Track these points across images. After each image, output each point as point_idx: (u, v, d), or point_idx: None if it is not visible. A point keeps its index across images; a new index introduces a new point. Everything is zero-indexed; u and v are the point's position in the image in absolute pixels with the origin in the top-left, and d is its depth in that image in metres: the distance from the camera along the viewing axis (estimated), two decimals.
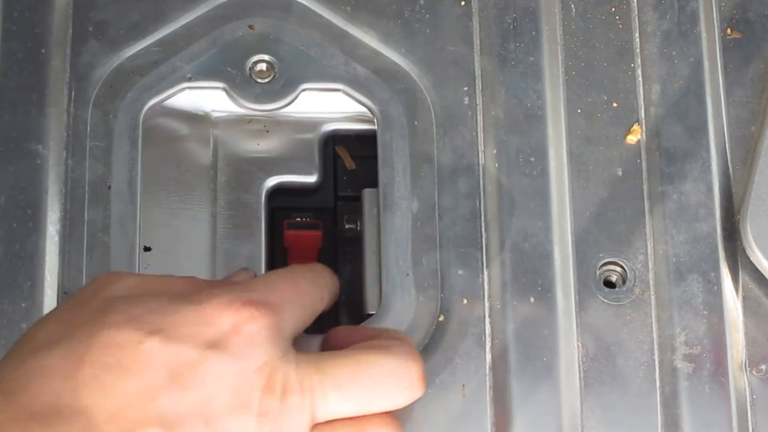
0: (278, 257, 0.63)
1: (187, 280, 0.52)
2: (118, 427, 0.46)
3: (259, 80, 0.60)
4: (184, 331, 0.48)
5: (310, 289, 0.53)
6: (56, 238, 0.57)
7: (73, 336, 0.47)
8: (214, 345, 0.48)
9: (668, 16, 0.62)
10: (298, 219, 0.62)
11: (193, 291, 0.50)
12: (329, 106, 0.62)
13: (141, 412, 0.46)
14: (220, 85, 0.60)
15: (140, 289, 0.50)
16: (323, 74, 0.60)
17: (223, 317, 0.48)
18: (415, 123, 0.60)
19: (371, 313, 0.58)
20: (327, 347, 0.54)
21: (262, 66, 0.60)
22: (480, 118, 0.60)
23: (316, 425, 0.50)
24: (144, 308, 0.49)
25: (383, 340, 0.52)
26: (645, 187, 0.59)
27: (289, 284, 0.52)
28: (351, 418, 0.50)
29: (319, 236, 0.62)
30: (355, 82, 0.60)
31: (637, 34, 0.62)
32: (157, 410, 0.46)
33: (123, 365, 0.47)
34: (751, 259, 0.58)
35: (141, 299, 0.49)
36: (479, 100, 0.60)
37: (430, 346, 0.56)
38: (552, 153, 0.59)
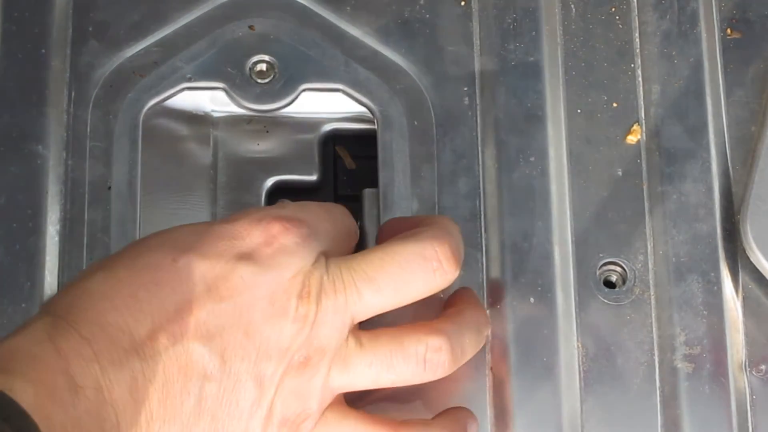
0: None
1: None
2: (160, 342, 0.47)
3: (259, 80, 0.60)
4: (217, 247, 0.50)
5: (342, 216, 0.54)
6: (56, 238, 0.57)
7: (113, 262, 0.50)
8: (246, 256, 0.49)
9: (668, 16, 0.62)
10: None
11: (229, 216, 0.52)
12: (329, 106, 0.62)
13: (180, 326, 0.48)
14: (220, 85, 0.60)
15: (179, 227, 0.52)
16: (323, 74, 0.60)
17: (254, 231, 0.50)
18: (415, 123, 0.60)
19: None
20: (380, 240, 0.55)
21: (262, 66, 0.60)
22: (480, 118, 0.60)
23: (357, 330, 0.51)
24: (179, 233, 0.51)
25: (414, 230, 0.53)
26: (645, 187, 0.59)
27: (321, 209, 0.53)
28: (390, 327, 0.51)
29: None
30: (355, 82, 0.60)
31: (637, 34, 0.62)
32: (195, 323, 0.48)
33: (158, 283, 0.48)
34: (751, 259, 0.58)
35: (177, 227, 0.51)
36: (479, 100, 0.60)
37: None
38: (552, 153, 0.59)
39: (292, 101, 0.60)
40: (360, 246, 0.61)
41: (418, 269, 0.51)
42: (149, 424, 0.47)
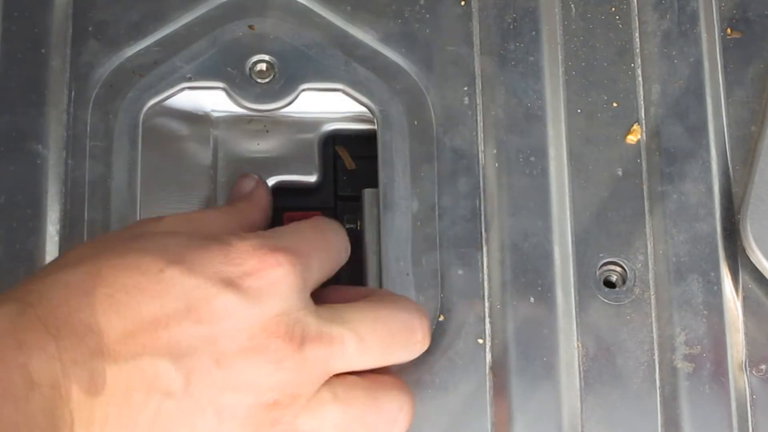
0: None
1: (223, 220, 0.53)
2: (128, 349, 0.46)
3: (259, 80, 0.60)
4: (207, 267, 0.48)
5: (336, 240, 0.53)
6: (56, 238, 0.57)
7: (100, 257, 0.48)
8: (233, 284, 0.48)
9: (668, 16, 0.62)
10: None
11: (226, 233, 0.50)
12: (329, 106, 0.62)
13: (152, 338, 0.46)
14: (220, 85, 0.60)
15: (177, 226, 0.51)
16: (323, 74, 0.60)
17: (248, 259, 0.48)
18: (415, 123, 0.60)
19: None
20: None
21: (262, 66, 0.60)
22: (480, 118, 0.60)
23: (330, 378, 0.50)
24: (174, 240, 0.49)
25: (392, 295, 0.53)
26: (645, 187, 0.59)
27: (317, 234, 0.52)
28: (364, 378, 0.50)
29: None
30: (355, 82, 0.60)
31: (637, 34, 0.62)
32: (168, 338, 0.47)
33: (140, 288, 0.47)
34: (751, 259, 0.58)
35: (174, 234, 0.50)
36: (479, 100, 0.60)
37: (430, 346, 0.56)
38: (552, 153, 0.59)
39: (292, 101, 0.60)
40: (358, 246, 0.61)
41: (404, 338, 0.51)
42: (102, 427, 0.46)
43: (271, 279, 0.48)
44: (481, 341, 0.57)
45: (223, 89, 0.60)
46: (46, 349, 0.45)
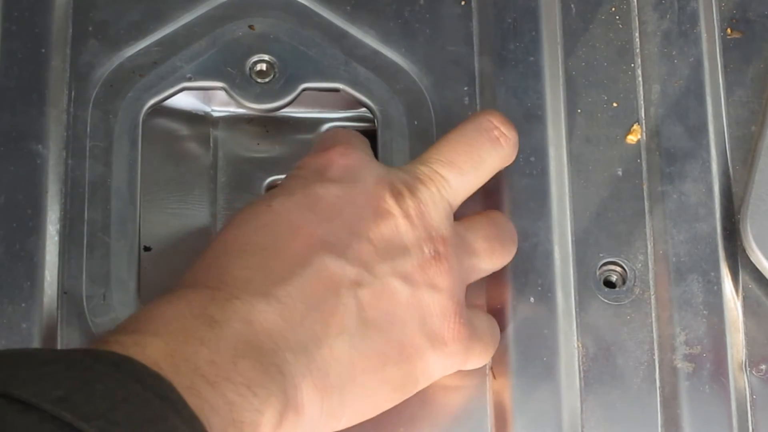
0: None
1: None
2: (293, 265, 0.49)
3: (259, 80, 0.60)
4: (298, 185, 0.52)
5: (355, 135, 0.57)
6: (56, 238, 0.57)
7: (212, 242, 0.51)
8: (327, 179, 0.52)
9: (668, 16, 0.62)
10: None
11: None
12: (329, 106, 0.62)
13: (307, 247, 0.49)
14: (220, 84, 0.60)
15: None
16: (323, 74, 0.60)
17: (318, 162, 0.53)
18: (415, 123, 0.60)
19: None
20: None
21: (262, 66, 0.60)
22: None
23: (454, 224, 0.53)
24: (267, 194, 0.53)
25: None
26: (645, 187, 0.59)
27: (347, 133, 0.56)
28: (475, 215, 0.55)
29: None
30: (355, 82, 0.60)
31: (637, 34, 0.62)
32: (319, 240, 0.50)
33: (265, 225, 0.50)
34: (751, 259, 0.58)
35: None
36: (479, 100, 0.60)
37: None
38: (552, 153, 0.59)
39: (292, 101, 0.60)
40: None
41: (484, 140, 0.54)
42: (317, 342, 0.48)
43: (347, 162, 0.53)
44: None
45: (223, 89, 0.60)
46: (217, 297, 0.47)
